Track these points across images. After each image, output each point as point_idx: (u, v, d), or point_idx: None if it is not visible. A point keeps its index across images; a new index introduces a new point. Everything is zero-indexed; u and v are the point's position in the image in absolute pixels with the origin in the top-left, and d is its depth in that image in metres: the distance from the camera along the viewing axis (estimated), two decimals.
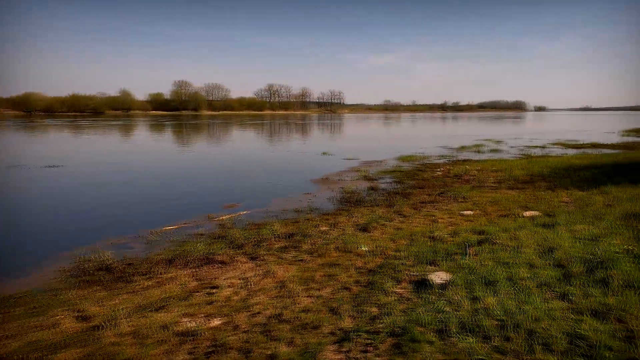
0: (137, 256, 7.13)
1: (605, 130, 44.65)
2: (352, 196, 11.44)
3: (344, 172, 16.33)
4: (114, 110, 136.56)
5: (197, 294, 5.44)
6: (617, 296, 4.25)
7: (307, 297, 5.07)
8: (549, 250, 5.79)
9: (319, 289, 5.27)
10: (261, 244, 7.37)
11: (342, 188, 12.79)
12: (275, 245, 7.28)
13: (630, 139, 32.22)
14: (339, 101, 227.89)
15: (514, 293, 4.48)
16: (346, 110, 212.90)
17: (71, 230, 9.02)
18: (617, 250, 5.46)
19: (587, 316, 3.90)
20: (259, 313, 4.70)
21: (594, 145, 26.20)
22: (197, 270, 6.37)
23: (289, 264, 6.34)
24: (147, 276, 6.18)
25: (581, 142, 28.79)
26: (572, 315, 3.94)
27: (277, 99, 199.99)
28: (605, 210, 7.93)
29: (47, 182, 14.78)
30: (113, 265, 6.64)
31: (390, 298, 4.76)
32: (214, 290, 5.51)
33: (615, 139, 32.09)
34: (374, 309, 4.53)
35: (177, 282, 5.87)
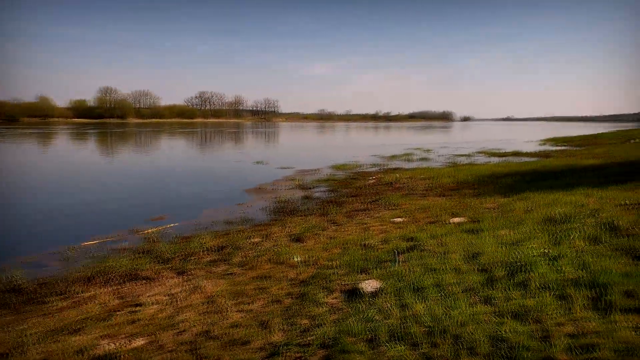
0: (52, 275, 6.56)
1: (525, 140, 48.03)
2: (286, 206, 11.34)
3: (279, 182, 16.21)
4: (30, 118, 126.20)
5: (118, 313, 5.06)
6: (535, 298, 4.44)
7: (238, 311, 4.89)
8: (474, 256, 6.01)
9: (249, 303, 5.10)
10: (189, 258, 7.05)
11: (276, 198, 12.66)
12: (205, 259, 7.00)
13: (547, 147, 34.83)
14: (273, 110, 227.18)
15: (442, 299, 4.58)
16: (281, 119, 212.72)
17: None
18: (535, 253, 5.71)
19: (508, 318, 4.05)
20: (185, 330, 4.45)
21: (515, 154, 27.97)
22: (120, 287, 5.95)
23: (219, 278, 6.10)
24: (62, 296, 5.69)
25: (503, 151, 30.59)
26: (495, 319, 4.06)
27: (209, 107, 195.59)
28: (525, 216, 8.36)
29: None
30: (23, 286, 6.06)
31: (322, 309, 4.69)
32: (138, 308, 5.15)
33: (533, 147, 34.52)
34: (306, 321, 4.44)
35: (97, 302, 5.44)
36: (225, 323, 4.57)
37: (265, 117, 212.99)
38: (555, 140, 43.46)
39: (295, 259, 6.59)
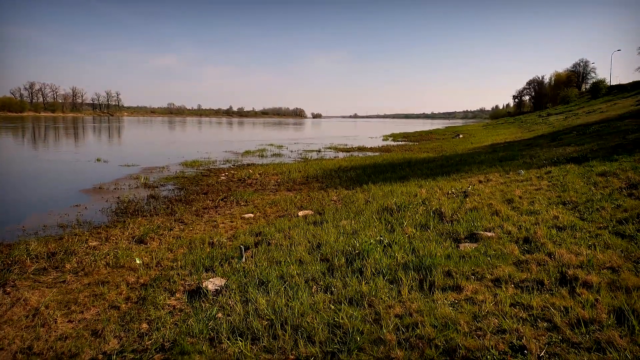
0: None
1: (369, 136, 52.06)
2: (129, 206, 10.48)
3: (121, 180, 14.89)
4: None
5: None
6: (370, 283, 4.76)
7: (67, 322, 4.40)
8: (317, 246, 6.30)
9: (82, 312, 4.62)
10: (12, 268, 6.07)
11: (119, 198, 11.62)
12: (31, 268, 6.08)
13: (388, 143, 38.24)
14: (116, 103, 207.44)
15: (284, 291, 4.71)
16: (125, 113, 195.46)
17: None
18: (372, 241, 6.12)
19: (345, 305, 4.28)
20: (2, 349, 3.86)
21: (360, 149, 30.06)
22: None
23: (47, 287, 5.38)
24: None
25: (350, 146, 32.60)
26: (333, 306, 4.28)
27: (41, 100, 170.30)
28: (364, 207, 9.03)
29: None
30: None
31: (162, 312, 4.45)
32: None
33: (376, 143, 37.59)
34: (144, 326, 4.17)
35: None
36: (51, 336, 4.09)
37: (109, 111, 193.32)
38: (395, 136, 47.87)
39: (137, 262, 6.13)
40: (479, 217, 7.16)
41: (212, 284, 4.95)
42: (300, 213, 9.02)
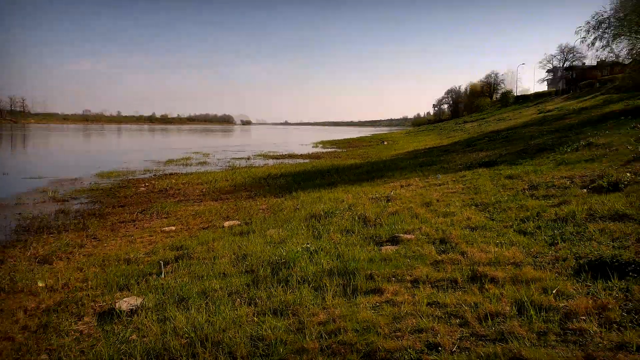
0: None
1: (300, 143, 52.19)
2: (33, 223, 9.60)
3: (25, 195, 13.59)
4: None
5: None
6: (295, 292, 4.69)
7: None
8: (242, 258, 6.13)
9: None
10: None
11: (20, 214, 10.60)
12: None
13: (318, 150, 38.48)
14: (22, 109, 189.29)
15: (206, 306, 4.52)
16: (33, 120, 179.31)
17: None
18: (298, 249, 6.06)
19: (269, 316, 4.17)
20: None
21: (291, 156, 29.84)
22: None
23: None
24: None
25: (280, 154, 32.26)
26: (256, 319, 4.15)
27: None
28: (293, 214, 8.97)
29: None
30: None
31: (66, 339, 4.08)
32: None
33: (307, 150, 37.71)
34: (43, 357, 3.79)
35: None
36: None
37: (12, 118, 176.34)
38: (325, 143, 48.36)
39: (39, 285, 5.59)
40: (400, 220, 7.42)
41: (127, 303, 4.63)
42: (226, 224, 8.78)
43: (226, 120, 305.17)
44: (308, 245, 6.20)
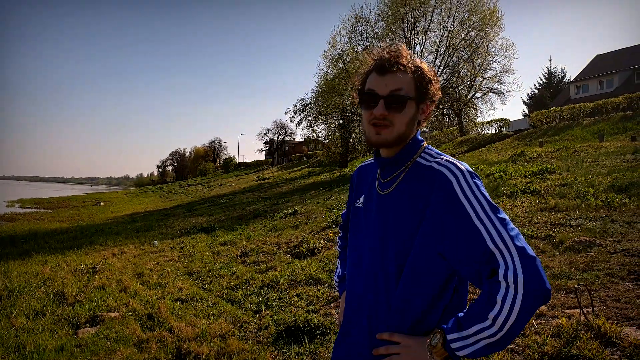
0: None
1: None
2: None
3: None
4: None
5: None
6: None
7: None
8: None
9: None
10: None
11: None
12: None
13: (14, 210, 31.33)
14: None
15: None
16: None
17: None
18: None
19: None
20: None
21: None
22: None
23: None
24: None
25: None
26: None
27: None
28: None
29: None
30: None
31: None
32: None
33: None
34: None
35: None
36: None
37: None
38: (24, 202, 40.42)
39: None
40: (106, 295, 6.71)
41: None
42: None
43: None
44: None
